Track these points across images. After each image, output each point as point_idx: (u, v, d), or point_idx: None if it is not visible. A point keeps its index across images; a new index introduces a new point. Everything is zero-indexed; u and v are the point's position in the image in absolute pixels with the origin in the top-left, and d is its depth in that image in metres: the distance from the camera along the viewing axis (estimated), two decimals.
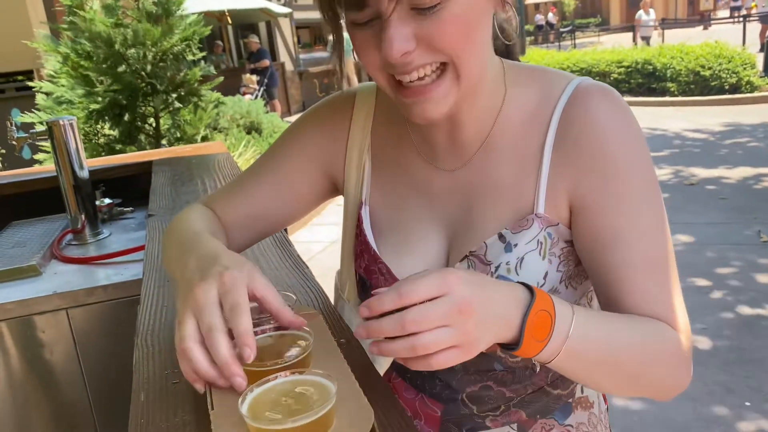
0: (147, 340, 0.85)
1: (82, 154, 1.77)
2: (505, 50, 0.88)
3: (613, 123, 0.75)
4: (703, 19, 24.48)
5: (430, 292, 0.59)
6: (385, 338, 0.60)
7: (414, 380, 0.91)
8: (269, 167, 0.94)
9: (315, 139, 0.93)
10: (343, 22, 0.73)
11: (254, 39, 12.63)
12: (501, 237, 0.78)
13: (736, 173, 5.92)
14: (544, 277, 0.78)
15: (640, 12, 16.69)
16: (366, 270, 0.88)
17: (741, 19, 15.83)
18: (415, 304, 0.58)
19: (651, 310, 0.73)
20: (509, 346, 0.64)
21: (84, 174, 1.76)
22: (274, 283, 0.96)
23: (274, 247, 1.18)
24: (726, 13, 33.16)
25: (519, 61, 0.90)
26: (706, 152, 6.87)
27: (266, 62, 12.13)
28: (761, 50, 11.08)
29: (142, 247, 1.54)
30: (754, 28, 14.32)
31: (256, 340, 0.62)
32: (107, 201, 1.99)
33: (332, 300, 0.98)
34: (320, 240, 4.98)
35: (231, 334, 0.62)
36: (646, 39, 16.50)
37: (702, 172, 6.04)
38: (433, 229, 0.85)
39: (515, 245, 0.77)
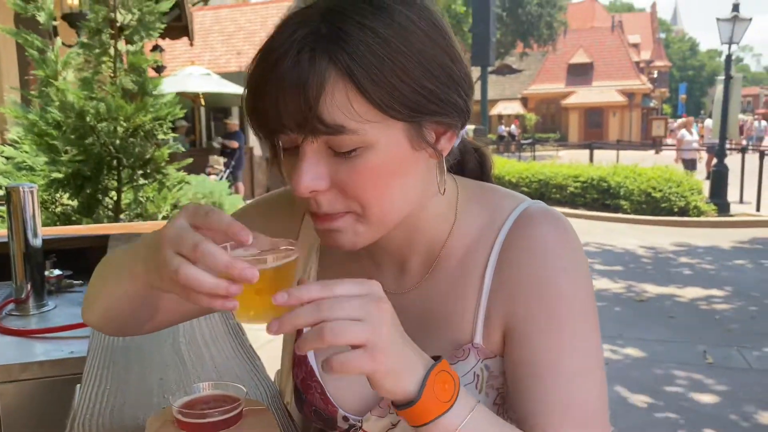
0: (84, 425, 0.81)
1: (38, 222, 1.73)
2: (479, 163, 0.88)
3: (553, 252, 0.73)
4: (655, 144, 25.96)
5: (352, 290, 0.58)
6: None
7: None
8: None
9: (263, 227, 0.90)
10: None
11: (234, 121, 12.88)
12: None
13: (686, 293, 6.10)
14: None
15: (683, 132, 14.19)
16: (302, 382, 0.85)
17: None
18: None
19: None
20: (406, 405, 0.61)
21: (37, 242, 1.72)
22: (225, 375, 0.93)
23: (227, 336, 1.15)
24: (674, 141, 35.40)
25: (490, 170, 0.90)
26: (657, 270, 7.09)
27: (236, 144, 12.28)
28: (707, 178, 11.74)
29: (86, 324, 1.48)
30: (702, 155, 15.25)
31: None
32: (57, 272, 1.93)
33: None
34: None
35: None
36: (690, 163, 13.68)
37: (653, 289, 6.20)
38: None
39: None
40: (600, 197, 10.91)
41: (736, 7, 10.64)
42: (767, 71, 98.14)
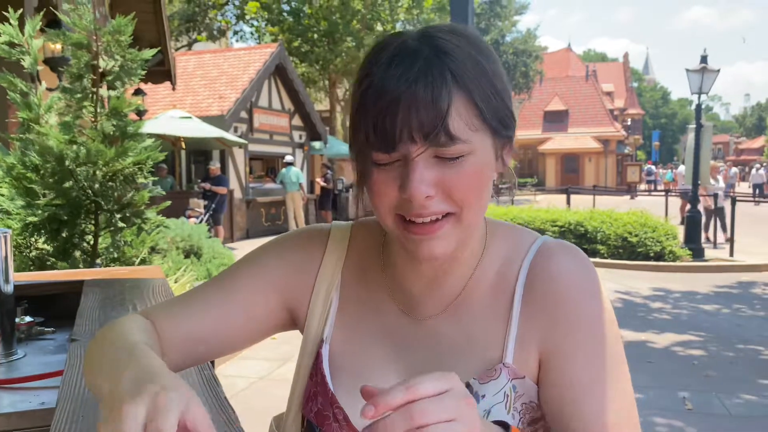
0: None
1: (11, 268, 1.70)
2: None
3: (578, 280, 0.80)
4: (630, 190, 26.43)
5: (436, 387, 0.57)
6: None
7: None
8: (224, 288, 0.89)
9: (282, 267, 0.91)
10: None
11: (216, 165, 12.90)
12: (468, 387, 0.77)
13: (663, 338, 6.12)
14: None
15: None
16: (317, 415, 0.84)
17: (663, 193, 17.17)
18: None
19: None
20: None
21: (8, 289, 1.68)
22: None
23: (202, 387, 1.13)
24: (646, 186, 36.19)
25: None
26: (634, 315, 7.12)
27: (224, 189, 12.30)
28: (681, 223, 11.94)
29: (58, 373, 1.44)
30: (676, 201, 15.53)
31: None
32: (28, 319, 1.88)
33: None
34: (247, 375, 4.78)
35: None
36: (718, 212, 12.53)
37: (630, 335, 6.21)
38: (394, 378, 0.82)
39: (483, 396, 0.77)
40: (577, 242, 11.01)
41: (704, 59, 11.02)
42: (736, 120, 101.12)
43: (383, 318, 0.87)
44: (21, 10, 3.56)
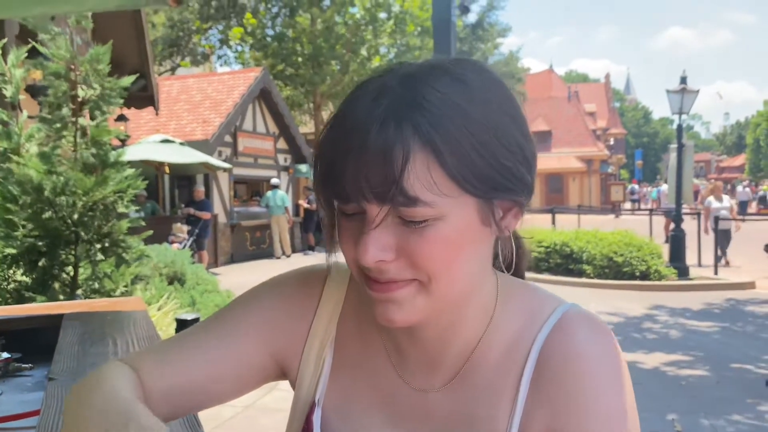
0: None
1: None
2: (515, 256, 0.83)
3: (594, 367, 0.69)
4: (614, 209, 26.65)
5: None
6: None
7: None
8: (217, 335, 0.81)
9: (277, 316, 0.82)
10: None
11: (200, 188, 12.82)
12: None
13: (651, 359, 6.12)
14: None
15: (709, 199, 12.72)
16: None
17: (648, 212, 17.32)
18: None
19: None
20: None
21: None
22: None
23: (182, 427, 1.10)
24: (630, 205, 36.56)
25: (524, 277, 0.85)
26: (622, 335, 7.12)
27: (208, 215, 12.21)
28: (666, 242, 12.02)
29: (35, 413, 1.40)
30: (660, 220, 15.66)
31: None
32: (5, 355, 1.84)
33: None
34: (232, 404, 4.70)
35: None
36: (723, 235, 11.89)
37: None
38: None
39: None
40: (563, 262, 11.05)
41: (683, 80, 11.20)
42: (716, 138, 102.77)
43: (380, 384, 0.78)
44: (5, 39, 3.54)
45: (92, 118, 3.49)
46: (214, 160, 12.91)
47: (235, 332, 0.81)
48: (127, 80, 3.56)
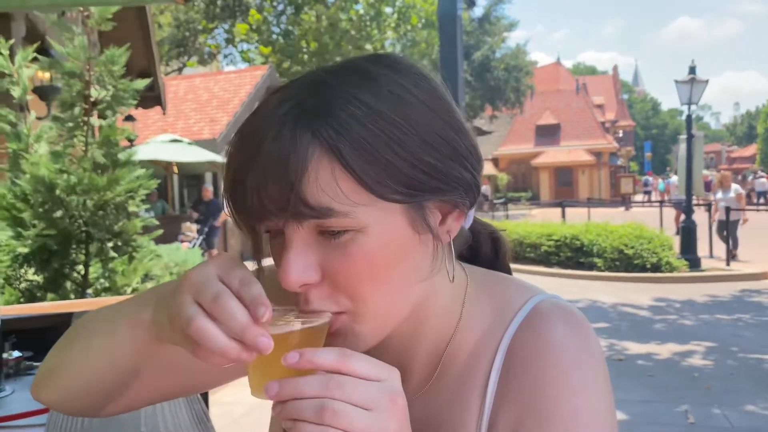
0: None
1: None
2: (493, 249, 0.79)
3: (565, 363, 0.63)
4: (624, 201, 26.52)
5: (370, 371, 0.52)
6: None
7: None
8: None
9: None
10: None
11: (209, 188, 12.84)
12: None
13: (664, 350, 6.09)
14: None
15: (719, 192, 12.11)
16: None
17: (658, 203, 17.23)
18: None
19: None
20: None
21: None
22: None
23: (191, 423, 1.10)
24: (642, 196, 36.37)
25: (509, 270, 0.80)
26: (634, 328, 7.09)
27: (224, 216, 12.23)
28: (677, 233, 11.95)
29: (45, 410, 1.41)
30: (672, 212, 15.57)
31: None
32: (16, 354, 1.85)
33: None
34: (244, 402, 4.71)
35: None
36: (732, 225, 11.25)
37: (632, 347, 6.18)
38: None
39: None
40: (574, 255, 11.01)
41: (692, 70, 11.11)
42: (726, 128, 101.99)
43: None
44: (12, 41, 3.56)
45: (103, 119, 3.51)
46: (222, 159, 12.93)
47: None
48: (141, 83, 3.59)
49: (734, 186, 12.14)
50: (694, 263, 10.56)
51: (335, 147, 0.55)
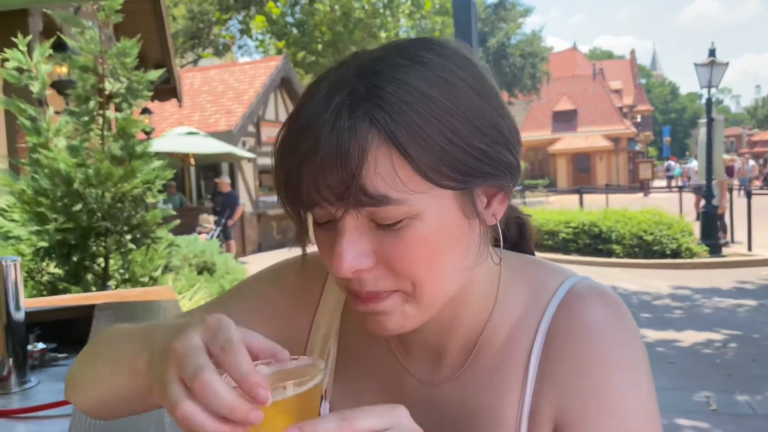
0: None
1: (21, 295, 1.69)
2: (519, 233, 0.79)
3: (607, 341, 0.65)
4: (643, 187, 26.24)
5: (377, 423, 0.49)
6: None
7: None
8: None
9: (280, 305, 0.80)
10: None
11: (226, 180, 12.89)
12: None
13: (684, 337, 6.04)
14: None
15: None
16: None
17: (677, 188, 17.02)
18: None
19: None
20: None
21: (19, 316, 1.67)
22: None
23: None
24: (663, 182, 35.91)
25: (533, 254, 0.81)
26: (654, 314, 7.03)
27: (242, 209, 12.29)
28: (697, 219, 11.80)
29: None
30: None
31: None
32: (40, 346, 1.87)
33: None
34: None
35: None
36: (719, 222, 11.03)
37: (651, 334, 6.13)
38: None
39: None
40: (592, 242, 10.93)
41: (712, 53, 10.93)
42: (747, 112, 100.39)
43: (385, 376, 0.76)
44: (30, 36, 3.59)
45: (119, 111, 3.54)
46: (238, 150, 12.99)
47: (238, 322, 0.78)
48: (154, 74, 3.60)
49: (751, 162, 11.88)
50: (715, 249, 10.43)
51: (393, 135, 0.55)
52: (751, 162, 29.23)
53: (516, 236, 0.79)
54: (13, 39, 3.39)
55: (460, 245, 0.62)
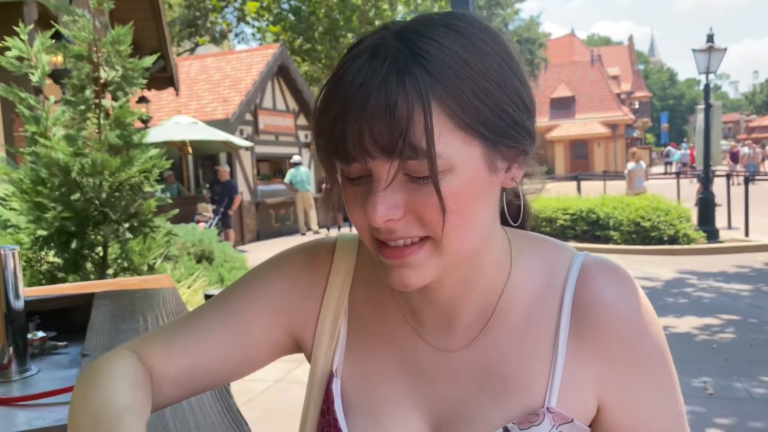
0: None
1: (20, 284, 1.69)
2: (518, 211, 0.83)
3: (633, 308, 0.72)
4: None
5: None
6: None
7: None
8: (223, 315, 0.80)
9: (286, 292, 0.82)
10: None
11: (225, 168, 12.86)
12: None
13: (682, 322, 6.07)
14: None
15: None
16: None
17: (675, 175, 17.02)
18: None
19: None
20: None
21: (19, 305, 1.68)
22: None
23: (213, 399, 1.12)
24: (660, 168, 35.88)
25: (528, 218, 0.86)
26: (652, 300, 7.02)
27: (239, 198, 12.28)
28: (696, 205, 11.83)
29: (71, 388, 1.43)
30: (687, 184, 15.35)
31: None
32: (40, 334, 1.88)
33: None
34: (263, 378, 4.78)
35: None
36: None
37: None
38: (415, 413, 0.75)
39: None
40: (590, 229, 10.95)
41: (710, 38, 10.90)
42: (745, 97, 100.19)
43: (399, 348, 0.78)
44: (32, 26, 3.57)
45: (115, 100, 3.52)
46: (235, 139, 12.95)
47: (243, 311, 0.80)
48: (149, 60, 3.58)
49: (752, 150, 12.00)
50: (712, 235, 10.46)
51: (437, 92, 0.60)
52: (745, 149, 29.16)
53: (515, 215, 0.82)
54: (15, 27, 3.38)
55: (484, 200, 0.67)
